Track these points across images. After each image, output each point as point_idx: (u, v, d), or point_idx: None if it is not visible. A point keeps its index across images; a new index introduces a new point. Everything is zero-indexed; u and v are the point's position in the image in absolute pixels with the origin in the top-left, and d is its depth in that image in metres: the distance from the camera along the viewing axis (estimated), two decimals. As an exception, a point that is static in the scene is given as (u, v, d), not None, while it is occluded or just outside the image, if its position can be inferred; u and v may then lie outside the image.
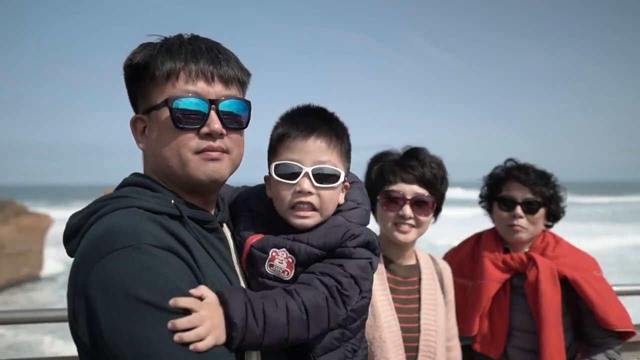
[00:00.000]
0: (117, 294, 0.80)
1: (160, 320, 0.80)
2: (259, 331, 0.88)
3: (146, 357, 0.79)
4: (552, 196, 1.78)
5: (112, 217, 0.88)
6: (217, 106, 0.94)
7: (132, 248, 0.83)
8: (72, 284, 0.86)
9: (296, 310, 0.94)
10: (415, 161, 1.49)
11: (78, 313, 0.84)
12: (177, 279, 0.84)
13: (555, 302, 1.66)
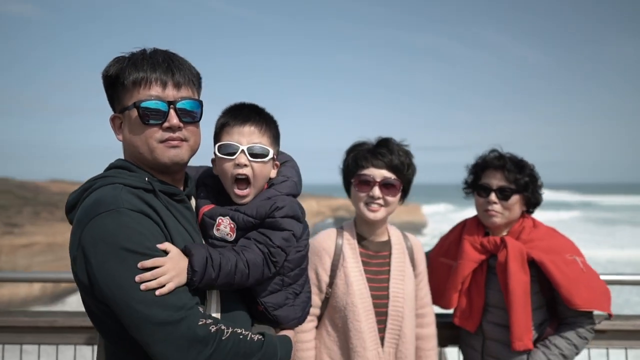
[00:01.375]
0: (102, 245, 1.10)
1: (131, 262, 1.09)
2: (214, 276, 1.19)
3: (123, 288, 1.08)
4: (527, 184, 1.89)
5: (100, 191, 1.19)
6: (174, 105, 1.22)
7: (114, 211, 1.12)
8: (72, 240, 1.17)
9: (241, 265, 1.23)
10: (384, 149, 1.70)
11: (77, 259, 1.15)
12: (147, 233, 1.13)
13: (522, 282, 1.78)
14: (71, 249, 1.18)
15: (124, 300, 1.09)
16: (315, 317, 1.73)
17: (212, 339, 1.13)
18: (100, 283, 1.10)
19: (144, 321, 1.08)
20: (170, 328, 1.09)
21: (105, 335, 1.22)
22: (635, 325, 2.22)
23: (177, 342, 1.09)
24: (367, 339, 1.64)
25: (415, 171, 1.77)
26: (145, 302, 1.09)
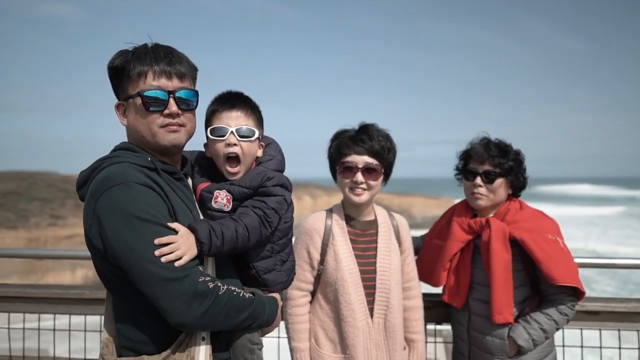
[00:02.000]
0: (115, 214, 1.27)
1: (141, 228, 1.26)
2: (219, 244, 1.37)
3: (134, 251, 1.25)
4: (511, 168, 1.98)
5: (109, 168, 1.35)
6: (174, 95, 1.38)
7: (123, 184, 1.28)
8: (87, 211, 1.33)
9: (241, 230, 1.41)
10: (365, 136, 1.81)
11: (92, 228, 1.31)
12: (153, 203, 1.30)
13: (503, 259, 1.88)
14: (86, 219, 1.34)
15: (135, 261, 1.25)
16: (309, 292, 1.88)
17: (210, 294, 1.30)
18: (114, 247, 1.27)
19: (152, 278, 1.25)
20: (176, 284, 1.26)
21: (114, 293, 1.39)
22: (627, 307, 2.28)
23: (180, 296, 1.26)
24: (356, 310, 1.79)
25: (396, 154, 1.89)
26: (154, 263, 1.25)
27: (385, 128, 1.89)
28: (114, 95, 1.48)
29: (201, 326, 1.33)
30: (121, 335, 1.40)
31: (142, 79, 1.37)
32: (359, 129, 1.86)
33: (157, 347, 1.35)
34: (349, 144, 1.82)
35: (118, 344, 1.41)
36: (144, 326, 1.35)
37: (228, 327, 1.40)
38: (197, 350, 1.35)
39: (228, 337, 1.48)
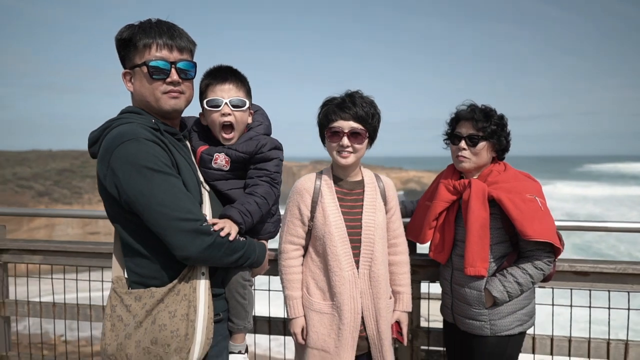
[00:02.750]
0: (127, 165, 1.46)
1: (151, 177, 1.45)
2: (250, 220, 1.67)
3: (145, 195, 1.45)
4: (494, 131, 2.07)
5: (120, 127, 1.54)
6: (175, 65, 1.57)
7: (134, 140, 1.48)
8: (101, 164, 1.52)
9: (260, 200, 1.71)
10: (350, 103, 1.94)
11: (107, 177, 1.51)
12: (159, 156, 1.49)
13: (480, 217, 1.99)
14: (100, 170, 1.53)
15: (148, 205, 1.46)
16: (301, 246, 2.06)
17: (212, 234, 1.53)
18: (128, 193, 1.47)
19: (163, 219, 1.46)
20: (183, 223, 1.47)
21: (125, 234, 1.58)
22: (616, 269, 2.34)
23: (186, 233, 1.48)
24: (342, 261, 1.96)
25: (380, 119, 2.01)
26: (164, 205, 1.46)
27: (370, 95, 2.02)
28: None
29: (202, 260, 1.54)
30: (131, 272, 1.62)
31: (147, 50, 1.56)
32: (345, 96, 1.99)
33: (163, 280, 1.56)
34: (336, 111, 1.96)
35: (129, 279, 1.64)
36: (152, 263, 1.57)
37: (224, 264, 1.63)
38: (198, 284, 1.57)
39: (224, 275, 1.72)
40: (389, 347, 2.03)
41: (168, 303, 1.54)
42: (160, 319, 1.53)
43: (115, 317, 1.58)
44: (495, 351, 2.03)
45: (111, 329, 1.58)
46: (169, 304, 1.54)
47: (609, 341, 2.39)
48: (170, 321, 1.53)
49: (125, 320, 1.56)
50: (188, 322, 1.54)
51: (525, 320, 2.05)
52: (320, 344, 1.99)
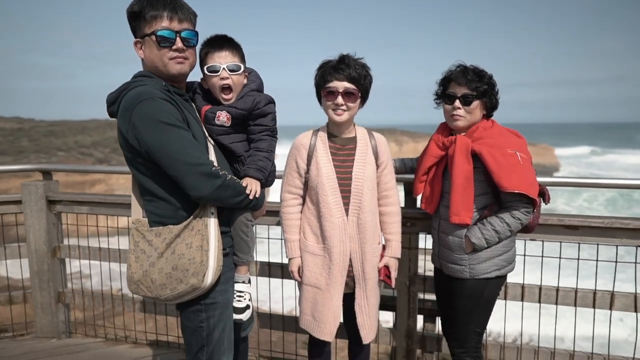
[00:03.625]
0: (147, 120, 1.71)
1: (167, 130, 1.70)
2: (266, 172, 1.98)
3: (163, 145, 1.69)
4: (486, 91, 2.19)
5: (137, 89, 1.79)
6: (180, 34, 1.79)
7: (151, 99, 1.72)
8: (122, 120, 1.77)
9: (266, 154, 1.98)
10: (344, 65, 2.12)
11: (129, 131, 1.75)
12: (173, 112, 1.74)
13: (463, 169, 2.14)
14: (122, 125, 1.78)
15: (166, 153, 1.71)
16: (299, 196, 2.30)
17: (221, 176, 1.79)
18: (149, 144, 1.72)
19: (179, 164, 1.72)
20: (197, 167, 1.73)
21: (145, 179, 1.84)
22: (604, 223, 2.44)
23: (200, 176, 1.73)
24: (333, 208, 2.19)
25: (371, 81, 2.18)
26: (180, 153, 1.71)
27: (362, 57, 2.20)
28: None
29: (213, 199, 1.81)
30: (150, 213, 1.91)
31: (155, 21, 1.79)
32: (339, 59, 2.17)
33: (179, 219, 1.83)
34: (331, 72, 2.15)
35: (148, 219, 1.94)
36: (169, 205, 1.84)
37: (230, 204, 1.89)
38: (208, 221, 1.85)
39: (229, 216, 1.99)
40: (373, 287, 2.26)
41: (184, 237, 1.83)
42: (179, 250, 1.82)
43: (139, 251, 1.89)
44: (473, 293, 2.22)
45: (135, 260, 1.89)
46: (185, 238, 1.83)
47: (595, 291, 2.51)
48: (188, 251, 1.81)
49: (148, 252, 1.86)
50: (202, 251, 1.82)
51: (503, 266, 2.21)
52: (313, 281, 2.26)
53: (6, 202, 3.45)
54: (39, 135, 39.93)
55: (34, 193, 3.40)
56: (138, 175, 1.87)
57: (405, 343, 2.85)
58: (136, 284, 1.87)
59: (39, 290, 3.50)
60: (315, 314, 2.28)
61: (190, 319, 1.91)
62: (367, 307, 2.26)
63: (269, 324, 3.09)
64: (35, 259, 3.46)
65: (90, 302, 3.52)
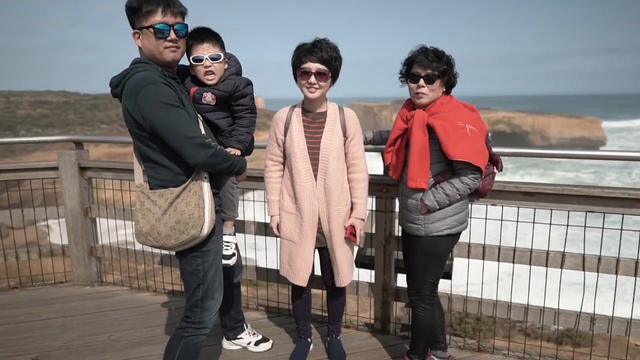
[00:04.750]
0: (152, 102, 2.06)
1: (169, 109, 2.05)
2: (247, 144, 2.38)
3: (166, 122, 2.04)
4: (445, 70, 2.45)
5: (140, 73, 2.13)
6: (173, 27, 2.13)
7: (153, 83, 2.07)
8: (129, 100, 2.11)
9: (247, 129, 2.39)
10: (317, 48, 2.41)
11: (135, 110, 2.11)
12: (172, 94, 2.08)
13: (419, 140, 2.42)
14: (129, 105, 2.12)
15: (168, 128, 2.06)
16: (279, 162, 2.66)
17: (212, 147, 2.16)
18: (153, 121, 2.07)
19: (179, 136, 2.07)
20: (193, 139, 2.09)
21: (148, 149, 2.19)
22: (556, 190, 2.69)
23: (196, 146, 2.09)
24: (302, 174, 2.54)
25: (341, 62, 2.47)
26: (180, 128, 2.07)
27: (335, 41, 2.50)
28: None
29: (206, 165, 2.18)
30: (153, 178, 2.30)
31: (152, 16, 2.11)
32: (313, 43, 2.47)
33: (177, 183, 2.20)
34: (306, 54, 2.46)
35: (151, 183, 2.34)
36: (169, 171, 2.20)
37: (219, 170, 2.27)
38: (202, 184, 2.21)
39: (217, 180, 2.38)
40: (339, 243, 2.62)
41: (183, 197, 2.22)
42: (180, 207, 2.22)
43: (145, 209, 2.29)
44: (427, 248, 2.54)
45: (142, 217, 2.30)
46: (185, 197, 2.22)
47: (548, 252, 2.78)
48: (187, 208, 2.21)
49: (153, 210, 2.26)
50: (199, 208, 2.21)
51: (453, 226, 2.52)
52: (288, 235, 2.65)
53: (45, 168, 4.00)
54: (84, 109, 41.76)
55: (68, 161, 3.92)
56: (142, 147, 2.22)
57: (382, 295, 3.22)
58: (144, 236, 2.27)
59: (74, 245, 4.07)
60: (291, 264, 2.67)
61: (189, 263, 2.33)
62: (335, 259, 2.64)
63: (266, 277, 3.52)
64: (71, 218, 4.02)
65: (117, 256, 4.07)
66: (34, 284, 4.21)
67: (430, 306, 2.61)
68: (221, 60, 2.32)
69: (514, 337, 5.08)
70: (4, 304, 3.81)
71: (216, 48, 2.31)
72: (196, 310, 2.33)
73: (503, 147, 2.73)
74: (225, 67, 2.37)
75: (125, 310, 3.67)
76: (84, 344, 3.17)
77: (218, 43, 2.33)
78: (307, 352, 2.96)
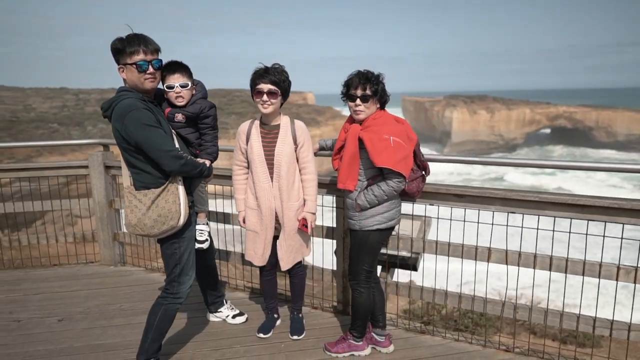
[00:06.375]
0: (136, 123, 2.66)
1: (150, 130, 2.65)
2: (215, 155, 3.01)
3: (148, 139, 2.65)
4: (377, 90, 2.90)
5: (126, 100, 2.74)
6: (151, 63, 2.72)
7: (136, 109, 2.68)
8: (118, 122, 2.70)
9: (211, 142, 3.00)
10: (268, 72, 2.94)
11: (123, 130, 2.72)
12: (152, 117, 2.68)
13: (350, 151, 2.87)
14: (118, 126, 2.72)
15: (149, 144, 2.66)
16: (244, 167, 3.20)
17: (184, 158, 2.75)
18: (137, 138, 2.67)
19: (158, 150, 2.67)
20: (169, 152, 2.68)
21: (134, 160, 2.84)
22: (480, 192, 3.06)
23: (171, 158, 2.68)
24: (261, 176, 3.07)
25: (290, 83, 2.99)
26: (158, 143, 2.67)
27: (284, 65, 3.02)
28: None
29: (180, 172, 2.77)
30: (137, 181, 2.89)
31: (134, 55, 2.70)
32: (265, 68, 3.00)
33: (158, 185, 2.80)
34: (259, 77, 2.99)
35: (136, 185, 2.95)
36: (151, 175, 2.79)
37: (190, 175, 2.86)
38: (178, 186, 2.81)
39: (190, 182, 2.98)
40: (290, 233, 3.14)
41: (163, 196, 2.84)
42: (160, 204, 2.84)
43: (132, 206, 2.90)
44: (361, 241, 3.00)
45: (131, 212, 2.92)
46: (164, 196, 2.84)
47: (477, 247, 3.16)
48: (166, 204, 2.83)
49: (139, 207, 2.88)
50: (176, 204, 2.82)
51: (383, 222, 2.96)
52: (252, 227, 3.21)
53: (78, 166, 4.80)
54: (144, 106, 44.43)
55: (96, 160, 4.69)
56: (129, 157, 2.82)
57: (342, 281, 3.70)
58: (133, 227, 2.89)
59: (101, 231, 4.85)
60: (255, 249, 3.23)
61: (169, 248, 2.95)
62: (286, 246, 3.17)
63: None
64: (98, 208, 4.79)
65: (136, 241, 4.80)
66: (70, 262, 5.05)
67: (367, 290, 3.08)
68: (189, 87, 2.91)
69: (440, 321, 5.39)
70: (45, 277, 4.66)
71: (184, 77, 2.89)
72: (174, 284, 2.95)
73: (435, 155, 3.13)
74: (193, 92, 2.95)
75: (137, 286, 4.38)
76: (99, 311, 3.90)
77: (186, 73, 2.91)
78: (273, 325, 3.51)
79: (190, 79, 2.94)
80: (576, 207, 2.83)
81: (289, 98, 3.22)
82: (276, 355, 3.18)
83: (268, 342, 3.36)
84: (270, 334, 3.45)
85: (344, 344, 3.19)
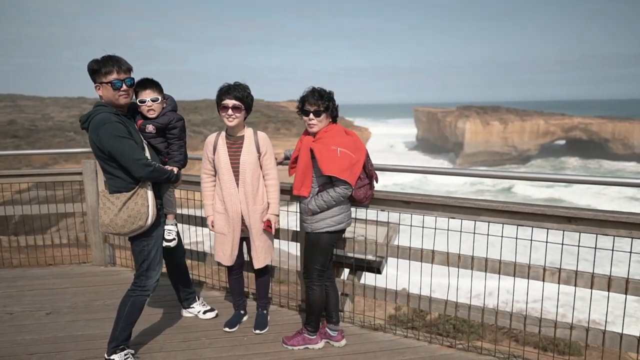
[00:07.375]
0: (109, 135, 3.02)
1: (122, 141, 3.00)
2: (183, 163, 3.35)
3: (119, 150, 3.00)
4: (328, 105, 3.20)
5: (100, 115, 3.09)
6: (124, 81, 3.07)
7: (109, 122, 3.04)
8: (93, 134, 3.05)
9: (177, 151, 3.33)
10: (232, 89, 3.27)
11: (97, 140, 3.08)
12: (124, 129, 3.04)
13: (303, 161, 3.18)
14: (94, 137, 3.07)
15: (121, 152, 3.02)
16: (212, 175, 3.51)
17: (152, 165, 3.08)
18: (111, 149, 3.04)
19: (128, 160, 3.03)
20: (138, 161, 3.03)
21: (108, 167, 3.20)
22: (423, 199, 3.33)
23: (141, 165, 3.02)
24: (227, 183, 3.38)
25: (252, 99, 3.33)
26: (128, 153, 3.02)
27: (245, 81, 3.35)
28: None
29: (149, 178, 3.11)
30: (110, 185, 3.24)
31: (109, 74, 3.06)
32: (229, 86, 3.33)
33: (129, 189, 3.15)
34: (225, 93, 3.32)
35: (110, 189, 3.29)
36: (123, 181, 3.14)
37: (160, 180, 3.20)
38: (147, 190, 3.15)
39: (158, 189, 3.31)
40: (257, 234, 3.46)
41: (133, 199, 3.17)
42: (131, 206, 3.18)
43: (106, 208, 3.24)
44: (314, 242, 3.29)
45: (104, 213, 3.24)
46: (134, 199, 3.17)
47: (434, 251, 3.42)
48: (136, 206, 3.17)
49: (112, 208, 3.22)
50: (144, 207, 3.15)
51: (332, 225, 3.24)
52: (220, 229, 3.52)
53: (73, 173, 5.18)
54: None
55: (89, 167, 5.06)
56: (103, 164, 3.17)
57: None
58: (106, 226, 3.22)
59: (93, 234, 5.22)
60: (223, 250, 3.54)
61: (138, 245, 3.28)
62: (254, 246, 3.49)
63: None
64: (90, 212, 5.16)
65: (125, 243, 5.15)
66: (64, 262, 5.42)
67: (319, 287, 3.35)
68: (159, 101, 3.25)
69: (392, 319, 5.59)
70: (40, 275, 5.03)
71: (155, 92, 3.24)
72: (142, 278, 3.27)
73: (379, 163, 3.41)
74: (164, 105, 3.29)
75: (123, 285, 4.71)
76: (85, 306, 4.24)
77: (157, 89, 3.25)
78: (239, 321, 3.81)
79: (161, 93, 3.28)
80: (507, 214, 3.09)
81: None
82: (237, 347, 3.47)
83: (232, 335, 3.66)
84: (235, 328, 3.74)
85: (299, 337, 3.46)
